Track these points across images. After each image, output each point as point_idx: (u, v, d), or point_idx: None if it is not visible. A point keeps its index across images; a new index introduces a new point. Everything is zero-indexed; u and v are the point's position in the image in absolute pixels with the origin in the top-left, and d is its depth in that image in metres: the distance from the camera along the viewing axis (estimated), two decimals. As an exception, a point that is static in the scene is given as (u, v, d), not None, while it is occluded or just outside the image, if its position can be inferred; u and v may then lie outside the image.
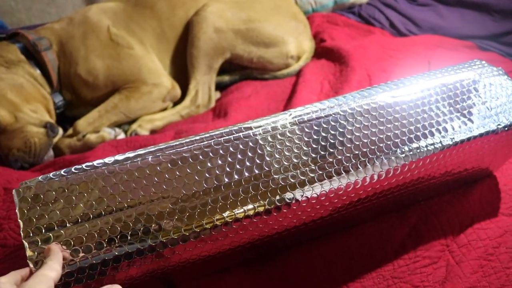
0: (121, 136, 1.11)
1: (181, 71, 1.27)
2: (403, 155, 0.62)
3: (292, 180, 0.57)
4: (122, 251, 0.50)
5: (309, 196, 0.57)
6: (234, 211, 0.54)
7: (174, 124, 1.16)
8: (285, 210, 0.56)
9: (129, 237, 0.51)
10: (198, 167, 0.55)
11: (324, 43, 1.39)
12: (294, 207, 0.56)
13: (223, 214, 0.53)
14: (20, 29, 1.25)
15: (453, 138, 0.65)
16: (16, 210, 0.51)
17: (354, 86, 1.10)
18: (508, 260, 0.70)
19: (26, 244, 0.49)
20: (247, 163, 0.56)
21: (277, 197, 0.55)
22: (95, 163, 0.54)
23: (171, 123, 1.17)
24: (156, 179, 0.53)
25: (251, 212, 0.54)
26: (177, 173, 0.54)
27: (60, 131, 1.12)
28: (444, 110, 0.67)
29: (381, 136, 0.62)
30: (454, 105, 0.68)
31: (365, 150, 0.61)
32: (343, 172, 0.59)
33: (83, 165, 0.54)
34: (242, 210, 0.54)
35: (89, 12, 1.23)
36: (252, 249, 0.62)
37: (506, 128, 0.68)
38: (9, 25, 1.63)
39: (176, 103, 1.25)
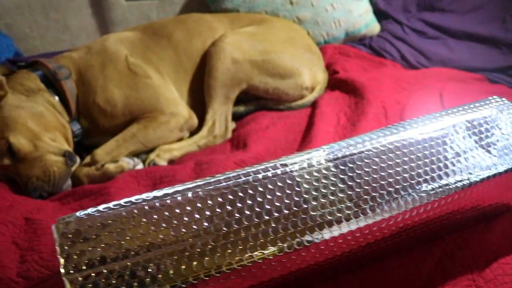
0: (140, 166, 1.11)
1: (198, 100, 1.28)
2: (433, 191, 0.63)
3: (329, 217, 0.57)
4: (163, 290, 0.50)
5: (345, 232, 0.57)
6: (272, 248, 0.54)
7: (192, 154, 1.16)
8: (322, 247, 0.56)
9: (171, 275, 0.51)
10: (238, 204, 0.55)
11: (338, 75, 1.41)
12: (331, 243, 0.57)
13: (263, 251, 0.54)
14: (38, 56, 1.26)
15: (480, 174, 0.66)
16: (56, 246, 0.51)
17: (371, 118, 1.12)
18: (534, 296, 0.70)
19: (66, 281, 0.49)
20: (285, 200, 0.57)
21: (316, 234, 0.56)
22: (133, 199, 0.55)
23: (189, 153, 1.18)
24: (197, 215, 0.54)
25: (290, 249, 0.55)
26: (218, 209, 0.55)
27: (78, 159, 1.12)
28: (470, 146, 0.69)
29: (412, 173, 0.63)
30: (479, 142, 0.70)
31: (397, 187, 0.62)
32: (377, 209, 0.59)
33: (121, 201, 0.55)
34: (280, 247, 0.54)
35: (107, 41, 1.25)
36: (284, 284, 0.62)
37: (529, 164, 0.70)
38: (24, 51, 1.65)
39: (192, 133, 1.26)
